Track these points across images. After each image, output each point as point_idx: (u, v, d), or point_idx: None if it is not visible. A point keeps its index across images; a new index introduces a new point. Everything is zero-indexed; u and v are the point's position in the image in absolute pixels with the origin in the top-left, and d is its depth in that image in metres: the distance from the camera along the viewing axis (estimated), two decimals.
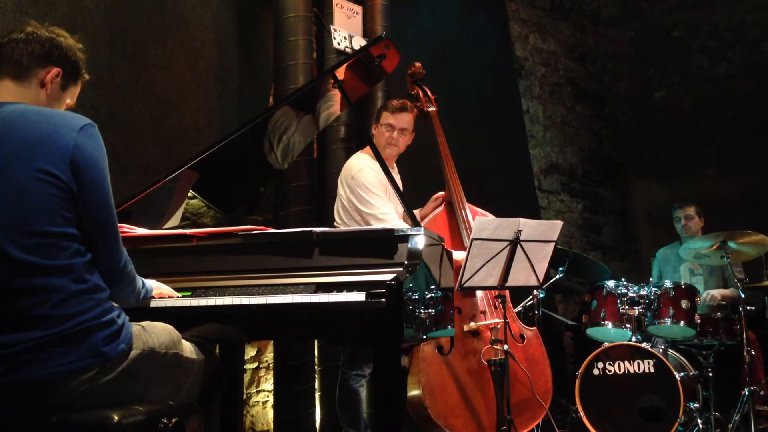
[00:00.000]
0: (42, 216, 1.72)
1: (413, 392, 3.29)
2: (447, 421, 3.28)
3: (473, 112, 5.49)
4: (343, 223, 3.47)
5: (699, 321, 4.27)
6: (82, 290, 1.76)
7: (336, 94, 3.10)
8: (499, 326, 3.41)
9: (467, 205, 3.64)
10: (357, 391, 3.41)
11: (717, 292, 4.77)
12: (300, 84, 3.83)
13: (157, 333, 1.95)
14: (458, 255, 3.18)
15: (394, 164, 3.69)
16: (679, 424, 3.93)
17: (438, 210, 3.69)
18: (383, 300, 2.06)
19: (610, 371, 4.12)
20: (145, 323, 1.96)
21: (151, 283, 2.18)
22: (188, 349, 2.04)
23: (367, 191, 3.37)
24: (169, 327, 2.02)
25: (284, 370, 3.85)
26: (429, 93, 3.84)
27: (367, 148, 3.62)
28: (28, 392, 1.70)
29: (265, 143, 3.13)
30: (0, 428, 1.69)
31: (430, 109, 3.79)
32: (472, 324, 3.44)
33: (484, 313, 3.51)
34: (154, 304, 2.22)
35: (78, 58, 1.97)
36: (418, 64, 3.86)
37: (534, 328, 3.71)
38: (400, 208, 3.40)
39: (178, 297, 2.28)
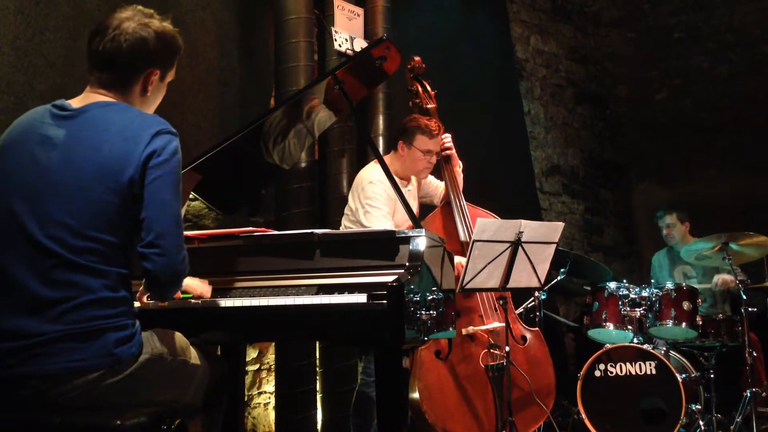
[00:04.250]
0: (96, 222, 1.77)
1: (411, 396, 3.28)
2: (445, 426, 3.27)
3: (474, 113, 5.49)
4: None
5: (701, 322, 4.26)
6: (111, 298, 1.79)
7: (337, 96, 3.10)
8: (498, 330, 3.40)
9: (466, 204, 3.59)
10: (373, 398, 3.39)
11: (728, 277, 4.70)
12: (301, 86, 3.82)
13: (166, 339, 1.96)
14: (458, 259, 3.17)
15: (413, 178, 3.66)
16: (681, 425, 3.93)
17: (435, 211, 3.66)
18: (384, 302, 2.06)
19: (611, 373, 4.12)
20: (153, 329, 1.97)
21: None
22: (194, 355, 2.05)
23: (370, 206, 3.36)
24: (178, 333, 2.03)
25: (286, 371, 3.85)
26: (429, 88, 3.73)
27: (386, 157, 3.57)
28: (36, 386, 1.71)
29: (267, 145, 3.13)
30: (2, 426, 1.70)
31: (429, 106, 3.69)
32: (470, 328, 3.42)
33: (483, 316, 3.49)
34: (157, 305, 2.22)
35: (172, 45, 1.98)
36: (417, 58, 3.75)
37: (536, 329, 3.69)
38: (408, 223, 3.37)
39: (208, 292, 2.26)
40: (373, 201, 3.35)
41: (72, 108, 1.88)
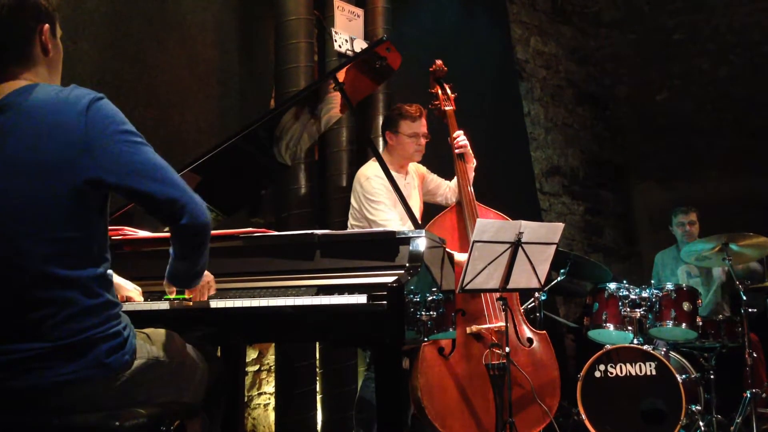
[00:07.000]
0: (58, 222, 1.66)
1: (413, 391, 3.31)
2: (444, 422, 3.30)
3: (474, 114, 5.49)
4: None
5: (701, 323, 4.26)
6: (94, 305, 1.71)
7: (337, 97, 3.10)
8: (503, 330, 3.41)
9: (477, 205, 3.63)
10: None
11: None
12: (301, 87, 3.83)
13: (161, 341, 1.93)
14: (460, 257, 3.18)
15: (409, 169, 3.74)
16: (681, 426, 3.92)
17: (448, 209, 3.70)
18: (385, 302, 2.06)
19: (611, 374, 4.12)
20: (149, 331, 1.93)
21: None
22: (192, 355, 2.02)
23: (374, 200, 3.47)
24: (174, 334, 2.00)
25: (286, 372, 3.85)
26: (449, 91, 3.84)
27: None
28: (28, 399, 1.67)
29: (267, 146, 3.13)
30: (0, 430, 1.69)
31: (447, 108, 3.81)
32: (474, 327, 3.44)
33: (488, 316, 3.50)
34: (155, 306, 2.22)
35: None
36: (439, 61, 3.86)
37: (543, 332, 3.68)
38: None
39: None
40: (375, 195, 3.46)
41: None
